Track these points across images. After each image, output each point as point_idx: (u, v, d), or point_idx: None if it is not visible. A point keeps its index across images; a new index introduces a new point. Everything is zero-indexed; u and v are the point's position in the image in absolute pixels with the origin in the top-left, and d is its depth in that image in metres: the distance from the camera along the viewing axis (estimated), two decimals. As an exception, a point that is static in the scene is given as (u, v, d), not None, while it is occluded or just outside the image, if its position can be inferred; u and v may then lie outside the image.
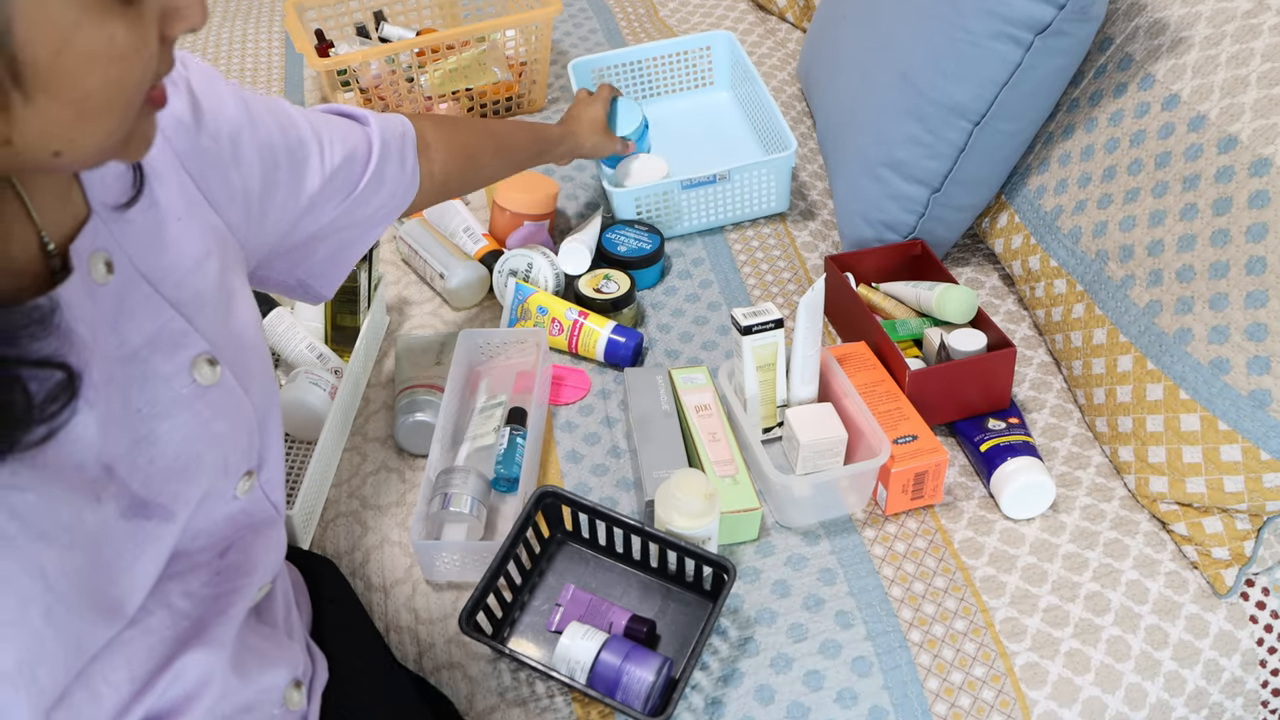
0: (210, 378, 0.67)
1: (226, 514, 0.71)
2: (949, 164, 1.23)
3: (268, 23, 1.95)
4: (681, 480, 0.96)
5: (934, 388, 1.10)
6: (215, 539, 0.71)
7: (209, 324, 0.68)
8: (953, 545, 1.04)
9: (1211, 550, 1.00)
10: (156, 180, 0.66)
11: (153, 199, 0.66)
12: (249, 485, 0.72)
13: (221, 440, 0.68)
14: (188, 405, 0.65)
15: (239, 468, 0.71)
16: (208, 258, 0.69)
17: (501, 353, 1.21)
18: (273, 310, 1.19)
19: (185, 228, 0.68)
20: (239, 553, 0.73)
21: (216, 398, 0.67)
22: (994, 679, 0.94)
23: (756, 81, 1.49)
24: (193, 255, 0.68)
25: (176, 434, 0.64)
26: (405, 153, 0.95)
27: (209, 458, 0.67)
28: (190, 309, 0.66)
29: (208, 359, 0.67)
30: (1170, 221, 1.03)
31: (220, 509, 0.70)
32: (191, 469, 0.65)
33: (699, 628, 0.96)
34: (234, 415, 0.69)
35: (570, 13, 1.90)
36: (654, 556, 0.99)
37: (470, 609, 0.92)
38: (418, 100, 1.57)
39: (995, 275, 1.34)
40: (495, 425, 1.12)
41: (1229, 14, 1.06)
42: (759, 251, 1.39)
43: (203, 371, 0.66)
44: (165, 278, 0.65)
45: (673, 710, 0.86)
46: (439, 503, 1.01)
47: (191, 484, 0.65)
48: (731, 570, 0.94)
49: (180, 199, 0.68)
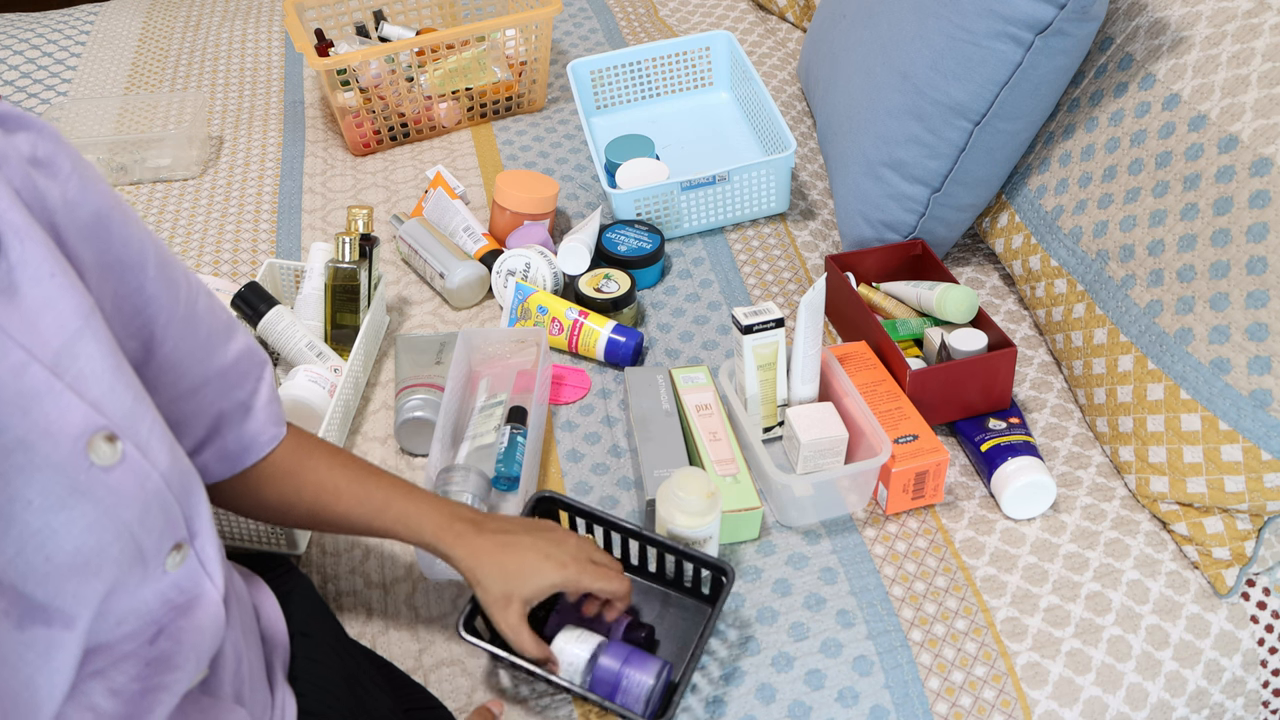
0: (111, 456, 0.60)
1: (157, 592, 0.65)
2: (949, 164, 1.23)
3: (267, 22, 1.95)
4: (683, 479, 0.95)
5: (935, 387, 1.10)
6: (144, 623, 0.65)
7: (101, 393, 0.60)
8: (953, 545, 1.04)
9: (1212, 550, 1.00)
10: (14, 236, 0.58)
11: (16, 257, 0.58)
12: (180, 559, 0.66)
13: (130, 525, 0.61)
14: (86, 492, 0.58)
15: (161, 546, 0.64)
16: (91, 315, 0.62)
17: (502, 352, 1.21)
18: (273, 309, 1.19)
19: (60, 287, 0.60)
20: (170, 640, 0.66)
21: (120, 479, 0.60)
22: (995, 678, 0.94)
23: (756, 82, 1.49)
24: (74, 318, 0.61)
25: (76, 525, 0.58)
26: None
27: (115, 548, 0.60)
28: (80, 379, 0.59)
29: (106, 435, 0.60)
30: (1171, 221, 1.03)
31: (148, 589, 0.64)
32: (95, 562, 0.59)
33: (698, 631, 0.96)
34: (141, 494, 0.62)
35: (570, 13, 1.90)
36: (652, 561, 0.99)
37: (469, 614, 0.91)
38: (418, 100, 1.57)
39: (996, 275, 1.34)
40: (495, 424, 1.12)
41: (1229, 13, 1.06)
42: (759, 251, 1.39)
43: (100, 450, 0.59)
44: (44, 345, 0.58)
45: (673, 713, 0.85)
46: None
47: (95, 579, 0.59)
48: (730, 573, 0.93)
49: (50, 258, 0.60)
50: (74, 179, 0.64)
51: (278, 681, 0.82)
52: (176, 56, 1.85)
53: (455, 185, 1.49)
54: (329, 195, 1.52)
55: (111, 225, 0.66)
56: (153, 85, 1.77)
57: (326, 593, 1.02)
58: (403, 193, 1.52)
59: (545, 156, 1.57)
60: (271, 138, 1.64)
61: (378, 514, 0.86)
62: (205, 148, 1.59)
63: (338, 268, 1.19)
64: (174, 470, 0.65)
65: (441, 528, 0.85)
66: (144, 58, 1.84)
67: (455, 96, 1.60)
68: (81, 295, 0.61)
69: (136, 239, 0.68)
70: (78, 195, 0.64)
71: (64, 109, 1.65)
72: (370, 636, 0.98)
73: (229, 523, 1.03)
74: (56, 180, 0.63)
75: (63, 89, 1.76)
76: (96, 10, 1.98)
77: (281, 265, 1.30)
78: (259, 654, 0.81)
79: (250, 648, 0.79)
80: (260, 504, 0.84)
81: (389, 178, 1.55)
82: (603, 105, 1.62)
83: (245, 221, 1.48)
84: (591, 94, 1.60)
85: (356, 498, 0.85)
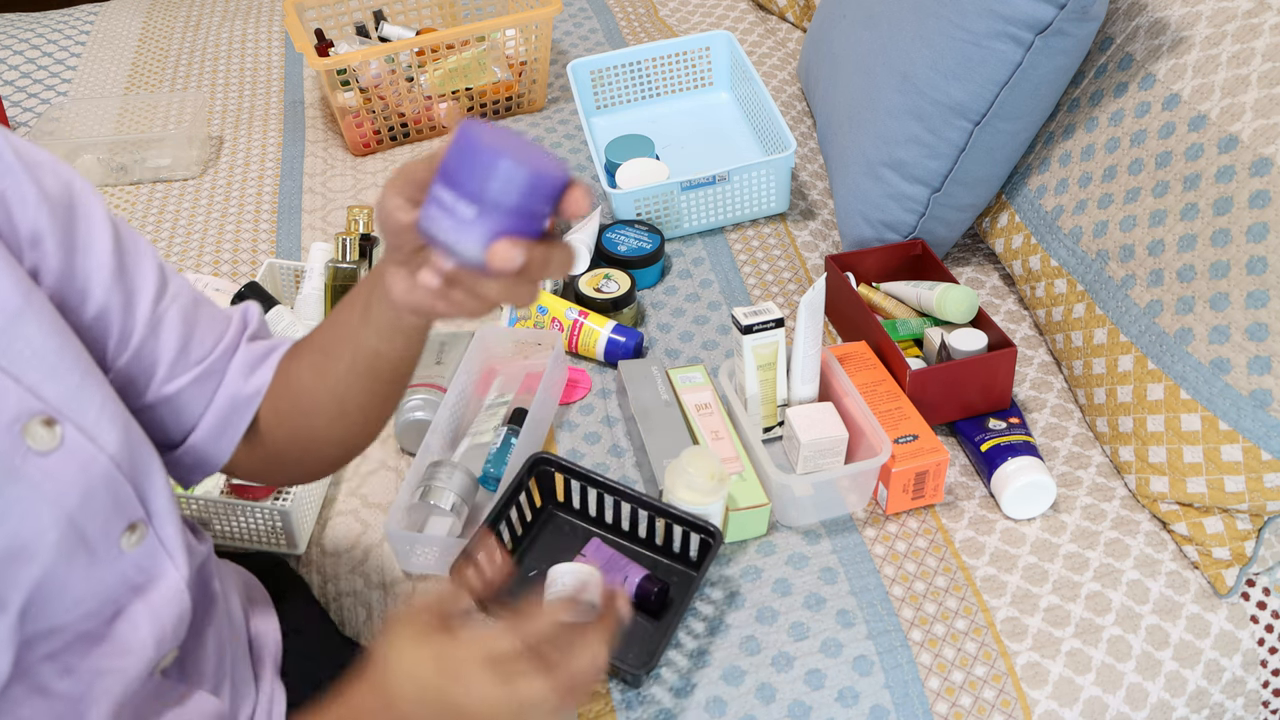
0: (49, 441, 0.58)
1: (116, 572, 0.63)
2: (949, 164, 1.23)
3: (267, 22, 1.95)
4: (692, 456, 0.99)
5: (935, 387, 1.10)
6: (101, 603, 0.63)
7: (42, 375, 0.59)
8: (953, 545, 1.04)
9: (1212, 550, 1.00)
10: None
11: None
12: (136, 539, 0.65)
13: (70, 511, 0.59)
14: (21, 477, 0.57)
15: (110, 529, 0.63)
16: (30, 294, 0.60)
17: (516, 352, 1.21)
18: (273, 309, 1.19)
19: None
20: (127, 622, 0.64)
21: (59, 464, 0.59)
22: (995, 678, 0.94)
23: (756, 82, 1.49)
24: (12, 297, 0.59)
25: (10, 513, 0.56)
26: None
27: (52, 534, 0.58)
28: (17, 362, 0.58)
29: (43, 420, 0.58)
30: (1171, 221, 1.03)
31: (103, 570, 0.62)
32: (30, 549, 0.57)
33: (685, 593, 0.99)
34: (84, 478, 0.60)
35: (570, 13, 1.90)
36: (643, 526, 1.02)
37: (459, 563, 0.93)
38: (418, 100, 1.57)
39: (996, 275, 1.34)
40: (496, 424, 1.12)
41: (1229, 13, 1.06)
42: (759, 251, 1.39)
43: (37, 435, 0.58)
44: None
45: (656, 665, 0.90)
46: (420, 495, 1.02)
47: (30, 565, 0.58)
48: (718, 535, 0.97)
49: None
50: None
51: (265, 676, 0.82)
52: (176, 56, 1.85)
53: (455, 185, 1.48)
54: (329, 195, 1.52)
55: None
56: (153, 85, 1.77)
57: (326, 593, 1.02)
58: (403, 193, 1.51)
59: (545, 156, 1.57)
60: (271, 138, 1.64)
61: None
62: (205, 148, 1.59)
63: (338, 268, 1.19)
64: (125, 450, 0.63)
65: None
66: (144, 58, 1.84)
67: (455, 96, 1.60)
68: (20, 273, 0.60)
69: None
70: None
71: (64, 109, 1.65)
72: (370, 637, 0.98)
73: (229, 523, 1.03)
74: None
75: (63, 89, 1.76)
76: (96, 10, 1.98)
77: (281, 265, 1.30)
78: (246, 649, 0.80)
79: (236, 642, 0.78)
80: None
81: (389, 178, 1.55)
82: (603, 105, 1.62)
83: (245, 221, 1.48)
84: (591, 94, 1.60)
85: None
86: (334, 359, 0.72)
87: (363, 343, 0.70)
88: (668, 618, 0.96)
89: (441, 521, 1.02)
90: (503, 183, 0.55)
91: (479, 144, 0.55)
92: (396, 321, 0.67)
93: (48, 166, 0.65)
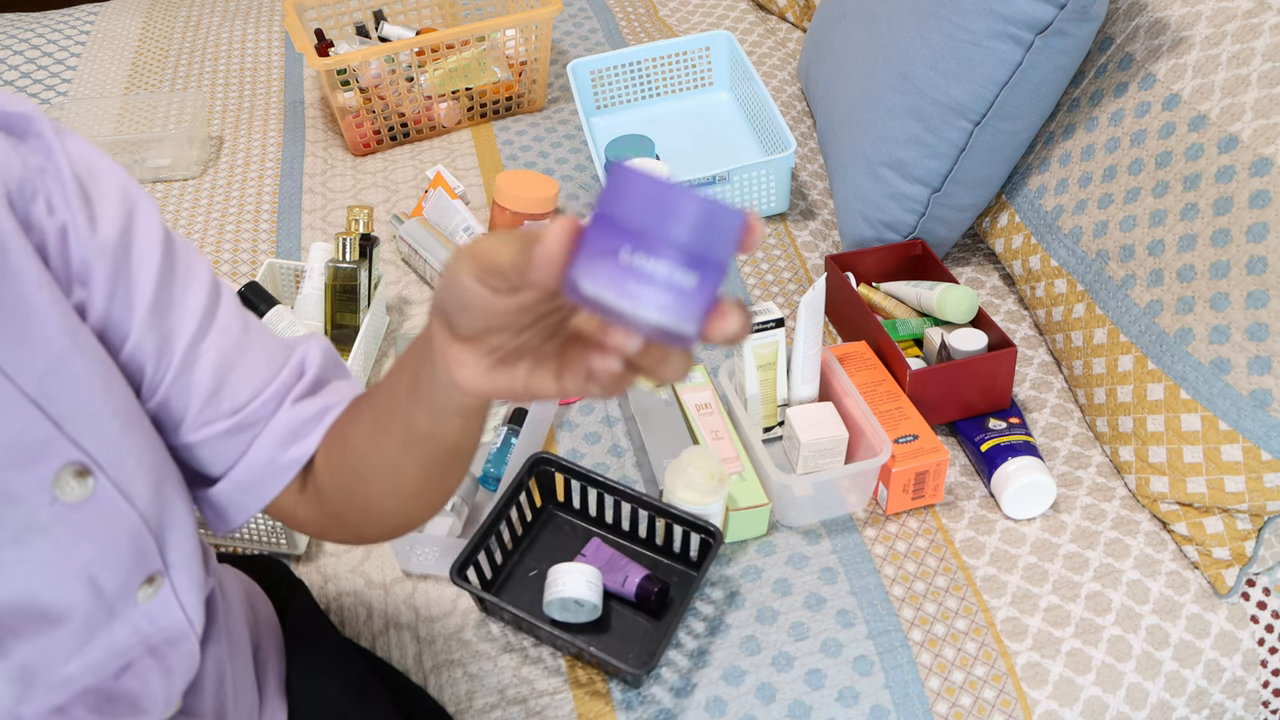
0: (79, 493, 0.54)
1: (127, 623, 0.60)
2: (949, 164, 1.23)
3: (267, 22, 1.95)
4: (693, 456, 0.99)
5: (935, 387, 1.10)
6: (111, 654, 0.60)
7: (83, 422, 0.55)
8: (954, 545, 1.04)
9: (1212, 550, 1.00)
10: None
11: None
12: (153, 591, 0.61)
13: (88, 565, 0.56)
14: (44, 531, 0.53)
15: (129, 583, 0.59)
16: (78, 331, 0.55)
17: None
18: (273, 309, 1.19)
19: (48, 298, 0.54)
20: (137, 679, 0.61)
21: (86, 518, 0.55)
22: (995, 678, 0.94)
23: (756, 82, 1.49)
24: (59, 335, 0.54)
25: (26, 564, 0.53)
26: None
27: (66, 589, 0.55)
28: (59, 406, 0.53)
29: (76, 470, 0.54)
30: (1171, 221, 1.03)
31: (116, 623, 0.59)
32: (41, 603, 0.54)
33: (685, 593, 0.99)
34: (109, 533, 0.57)
35: (570, 13, 1.90)
36: (643, 526, 1.02)
37: (461, 562, 0.95)
38: (418, 100, 1.57)
39: (996, 275, 1.34)
40: (496, 423, 1.12)
41: (1229, 13, 1.06)
42: (759, 251, 1.39)
43: (67, 486, 0.54)
44: (26, 367, 0.52)
45: (656, 665, 0.90)
46: None
47: (37, 620, 0.55)
48: (718, 535, 0.97)
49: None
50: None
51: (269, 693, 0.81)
52: (176, 56, 1.85)
53: (455, 185, 1.49)
54: (329, 195, 1.52)
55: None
56: (153, 85, 1.77)
57: (326, 592, 1.02)
58: (403, 193, 1.52)
59: (545, 156, 1.57)
60: (271, 138, 1.64)
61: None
62: (205, 148, 1.59)
63: (338, 268, 1.19)
64: (155, 505, 0.60)
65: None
66: (144, 58, 1.84)
67: (455, 96, 1.60)
68: (67, 310, 0.55)
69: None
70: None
71: (64, 109, 1.65)
72: (370, 637, 0.99)
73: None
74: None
75: (63, 89, 1.76)
76: (96, 10, 1.98)
77: (281, 265, 1.30)
78: (248, 665, 0.78)
79: (238, 659, 0.76)
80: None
81: (389, 178, 1.55)
82: (603, 105, 1.62)
83: (245, 221, 1.48)
84: (591, 94, 1.60)
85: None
86: (385, 433, 0.62)
87: (414, 423, 0.58)
88: (668, 618, 0.97)
89: (441, 521, 1.02)
90: (716, 234, 0.42)
91: (666, 188, 0.42)
92: (454, 404, 0.55)
93: (111, 193, 0.59)
